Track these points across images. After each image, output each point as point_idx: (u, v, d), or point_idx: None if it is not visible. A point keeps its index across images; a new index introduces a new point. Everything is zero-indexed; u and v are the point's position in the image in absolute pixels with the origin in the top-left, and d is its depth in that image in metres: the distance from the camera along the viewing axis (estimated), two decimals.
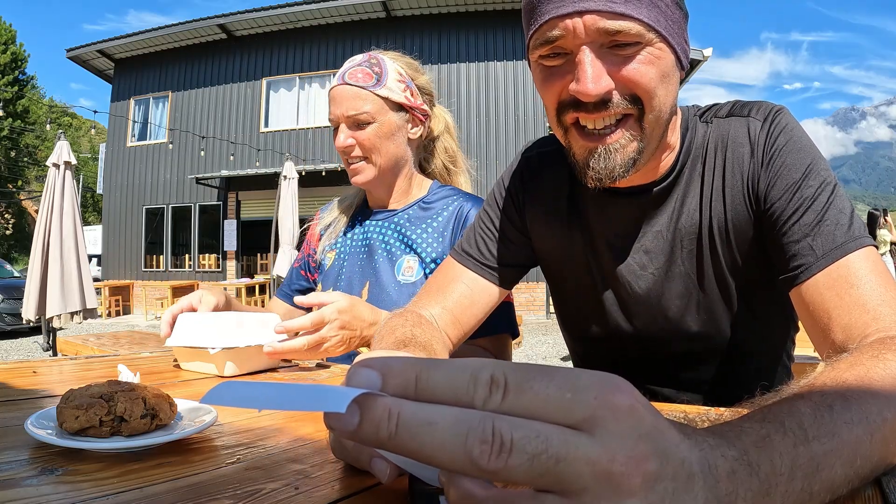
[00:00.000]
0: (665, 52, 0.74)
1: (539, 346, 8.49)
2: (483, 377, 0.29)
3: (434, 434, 0.27)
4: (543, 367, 0.30)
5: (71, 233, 5.25)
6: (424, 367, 0.30)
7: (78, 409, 0.57)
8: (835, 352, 0.67)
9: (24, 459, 0.54)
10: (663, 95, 0.75)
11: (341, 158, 1.38)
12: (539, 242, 1.02)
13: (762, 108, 0.84)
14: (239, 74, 14.56)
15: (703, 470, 0.30)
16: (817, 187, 0.76)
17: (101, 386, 0.61)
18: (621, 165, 0.77)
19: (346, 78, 1.31)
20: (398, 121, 1.34)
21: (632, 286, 0.92)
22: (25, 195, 37.50)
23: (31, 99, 37.90)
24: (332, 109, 1.34)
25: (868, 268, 0.70)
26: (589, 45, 0.71)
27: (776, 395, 0.49)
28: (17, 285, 9.76)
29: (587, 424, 0.28)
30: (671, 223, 0.88)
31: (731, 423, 0.37)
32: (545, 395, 0.28)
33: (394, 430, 0.28)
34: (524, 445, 0.27)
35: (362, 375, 0.30)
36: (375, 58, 1.35)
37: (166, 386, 0.91)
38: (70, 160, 5.47)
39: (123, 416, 0.59)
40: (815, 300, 0.72)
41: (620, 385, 0.30)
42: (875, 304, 0.67)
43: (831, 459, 0.38)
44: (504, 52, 13.04)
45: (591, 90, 0.71)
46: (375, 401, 0.28)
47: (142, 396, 0.61)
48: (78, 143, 43.90)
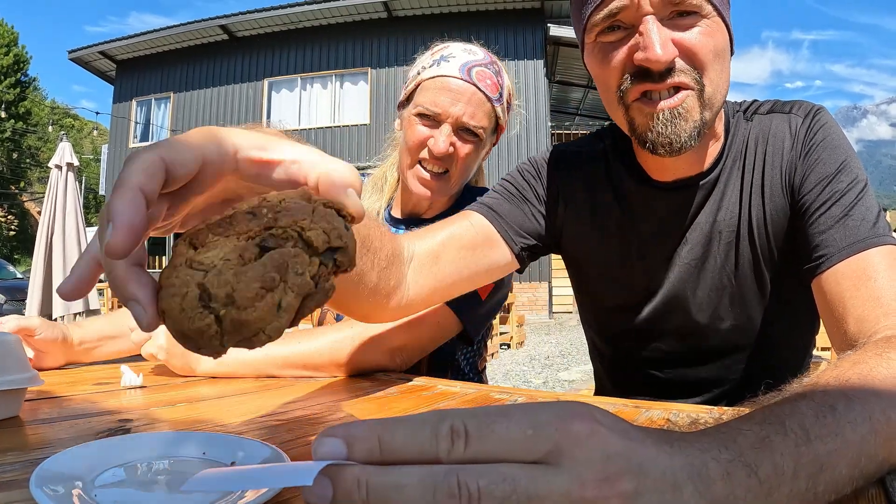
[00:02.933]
0: (720, 27, 0.77)
1: (542, 345, 8.48)
2: (443, 430, 0.29)
3: (403, 496, 0.28)
4: (501, 408, 0.30)
5: (73, 234, 5.27)
6: (386, 428, 0.30)
7: (269, 290, 0.31)
8: (847, 343, 0.68)
9: (25, 461, 0.54)
10: (719, 69, 0.78)
11: (410, 152, 1.16)
12: (571, 235, 1.00)
13: (804, 106, 0.88)
14: (241, 75, 14.58)
15: (692, 476, 0.30)
16: (848, 183, 0.78)
17: (216, 246, 0.32)
18: (688, 132, 0.78)
19: (474, 76, 1.14)
20: (489, 143, 1.22)
21: (668, 278, 0.93)
22: (28, 197, 37.59)
23: (34, 101, 38.00)
24: (438, 100, 1.13)
25: (888, 264, 0.71)
26: (654, 16, 0.74)
27: (778, 394, 0.49)
28: (21, 287, 9.79)
29: (552, 457, 0.28)
30: (710, 216, 0.89)
31: (728, 424, 0.37)
32: (507, 437, 0.29)
33: (364, 497, 0.28)
34: (492, 491, 0.27)
35: (327, 445, 0.30)
36: (497, 64, 1.21)
37: (172, 387, 0.91)
38: (72, 161, 5.49)
39: (331, 244, 0.33)
40: (833, 290, 0.73)
41: (578, 411, 0.30)
42: (889, 300, 0.68)
43: (835, 459, 0.38)
44: (505, 52, 12.99)
45: (661, 56, 0.73)
46: (344, 471, 0.29)
47: (306, 201, 0.35)
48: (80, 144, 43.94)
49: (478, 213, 0.95)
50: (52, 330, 1.00)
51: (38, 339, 0.98)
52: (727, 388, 0.97)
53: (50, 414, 0.73)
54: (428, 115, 1.15)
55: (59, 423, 0.68)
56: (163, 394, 0.86)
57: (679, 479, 0.30)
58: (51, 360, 1.03)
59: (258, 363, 0.98)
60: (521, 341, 8.43)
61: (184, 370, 0.95)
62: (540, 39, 12.87)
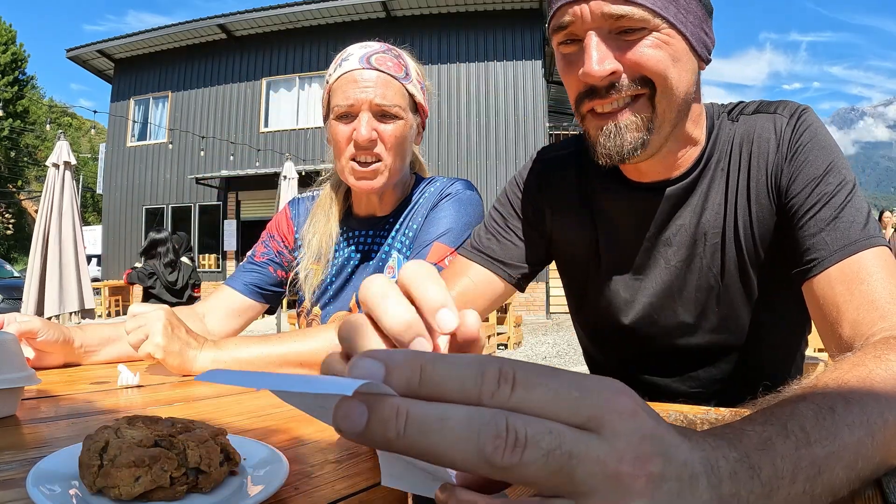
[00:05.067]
0: (674, 37, 0.77)
1: (539, 346, 8.49)
2: (491, 371, 0.28)
3: (445, 431, 0.27)
4: (549, 367, 0.29)
5: (70, 233, 5.26)
6: (430, 359, 0.29)
7: (136, 466, 0.42)
8: (842, 347, 0.68)
9: (22, 460, 0.54)
10: (675, 78, 0.78)
11: (342, 155, 1.19)
12: (559, 241, 1.03)
13: (789, 106, 0.87)
14: (239, 74, 14.56)
15: (707, 470, 0.30)
16: (837, 184, 0.78)
17: (137, 429, 0.46)
18: (630, 143, 0.79)
19: (374, 62, 1.17)
20: (415, 124, 1.25)
21: (653, 278, 0.93)
22: (25, 195, 37.49)
23: (31, 99, 37.89)
24: (349, 93, 1.16)
25: (880, 266, 0.71)
26: (595, 31, 0.75)
27: (778, 395, 0.49)
28: (17, 285, 9.77)
29: (594, 424, 0.28)
30: (695, 217, 0.89)
31: (732, 425, 0.37)
32: (554, 393, 0.28)
33: (402, 428, 0.27)
34: (538, 441, 0.26)
35: (365, 366, 0.29)
36: (394, 49, 1.24)
37: (169, 387, 0.91)
38: (70, 160, 5.47)
39: (200, 466, 0.45)
40: (826, 294, 0.73)
41: (624, 389, 0.30)
42: (884, 302, 0.68)
43: (833, 462, 0.38)
44: (504, 52, 13.04)
45: (596, 71, 0.74)
46: (384, 400, 0.28)
47: (209, 436, 0.47)
48: (78, 143, 43.86)
49: (472, 261, 1.02)
50: (54, 331, 1.00)
51: (38, 342, 0.99)
52: (716, 388, 0.97)
53: (47, 413, 0.73)
54: (344, 112, 1.17)
55: (56, 423, 0.68)
56: (160, 393, 0.86)
57: (696, 470, 0.30)
58: (50, 360, 1.03)
59: (256, 361, 0.98)
60: (519, 341, 8.43)
61: (180, 369, 0.95)
62: (538, 40, 12.87)
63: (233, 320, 1.32)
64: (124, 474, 0.42)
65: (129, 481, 0.42)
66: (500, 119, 12.91)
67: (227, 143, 13.93)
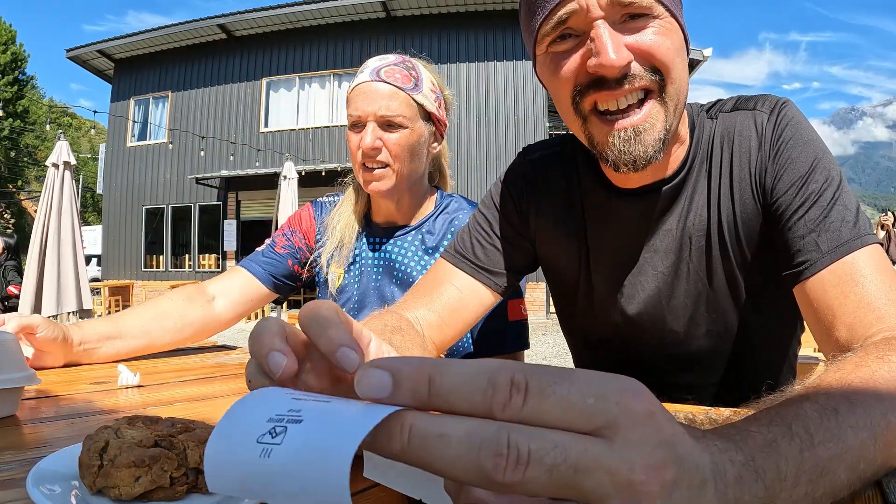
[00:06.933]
0: (675, 26, 0.74)
1: (539, 346, 8.48)
2: (502, 380, 0.28)
3: (447, 447, 0.27)
4: (563, 370, 0.29)
5: (69, 233, 5.25)
6: (438, 369, 0.28)
7: (136, 466, 0.43)
8: (838, 350, 0.66)
9: (22, 460, 0.54)
10: (681, 68, 0.75)
11: (355, 161, 1.27)
12: (544, 245, 0.99)
13: (768, 101, 0.84)
14: (239, 74, 14.56)
15: (714, 474, 0.30)
16: (823, 182, 0.75)
17: (137, 429, 0.47)
18: (653, 146, 0.75)
19: (382, 75, 1.23)
20: (426, 132, 1.29)
21: (640, 285, 0.91)
22: (25, 195, 37.49)
23: (31, 99, 37.89)
24: (358, 105, 1.24)
25: (873, 266, 0.69)
26: (604, 20, 0.71)
27: (781, 395, 0.49)
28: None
29: (608, 431, 0.27)
30: (680, 221, 0.87)
31: (737, 425, 0.37)
32: (567, 401, 0.27)
33: (405, 441, 0.27)
34: (542, 457, 0.26)
35: (373, 377, 0.29)
36: (410, 61, 1.29)
37: (169, 386, 0.91)
38: (69, 160, 5.47)
39: (200, 466, 0.45)
40: (820, 297, 0.71)
41: (640, 390, 0.29)
42: (880, 303, 0.66)
43: (835, 464, 0.38)
44: (504, 52, 13.04)
45: (615, 61, 0.70)
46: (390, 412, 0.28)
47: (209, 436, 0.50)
48: (78, 143, 43.87)
49: (457, 267, 0.98)
50: (53, 329, 1.00)
51: (38, 338, 0.98)
52: (709, 391, 0.96)
53: (47, 413, 0.73)
54: (354, 122, 1.26)
55: (56, 423, 0.68)
56: (159, 393, 0.86)
57: (705, 475, 0.30)
58: (50, 359, 1.03)
59: None
60: None
61: None
62: None
63: (244, 306, 1.34)
64: (124, 474, 0.42)
65: (129, 481, 0.42)
66: (500, 119, 12.91)
67: (227, 143, 13.93)
